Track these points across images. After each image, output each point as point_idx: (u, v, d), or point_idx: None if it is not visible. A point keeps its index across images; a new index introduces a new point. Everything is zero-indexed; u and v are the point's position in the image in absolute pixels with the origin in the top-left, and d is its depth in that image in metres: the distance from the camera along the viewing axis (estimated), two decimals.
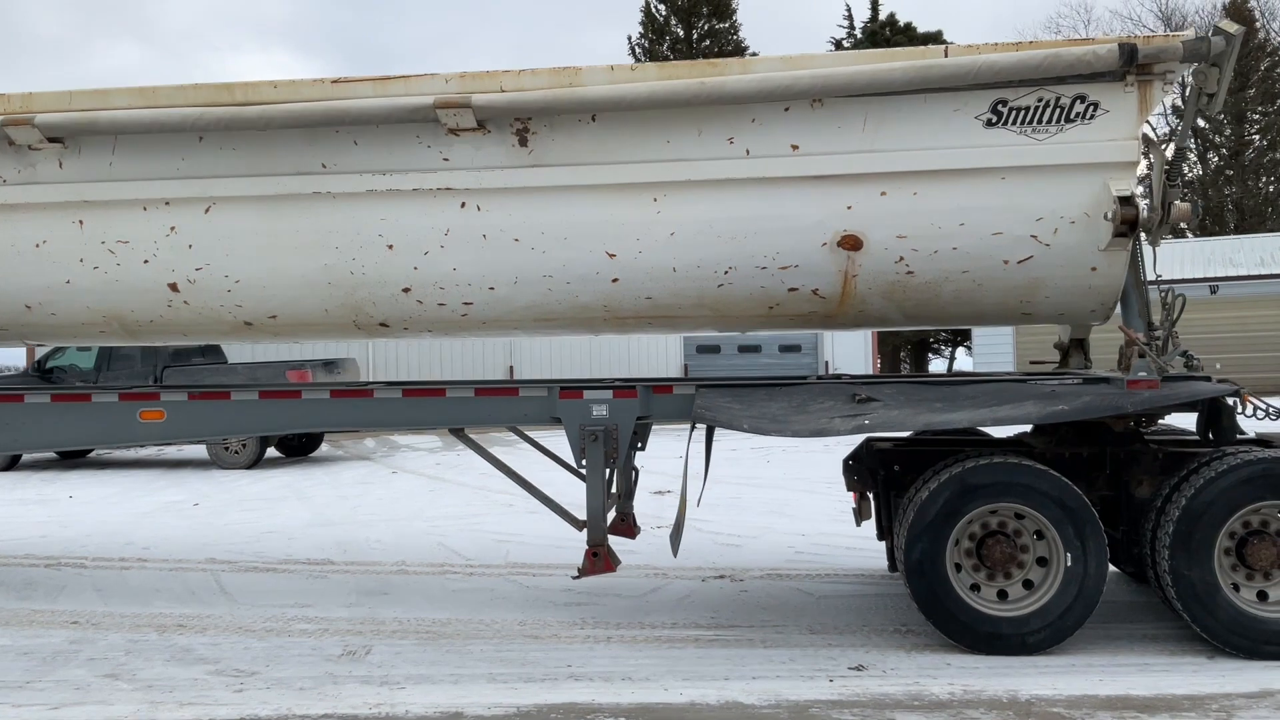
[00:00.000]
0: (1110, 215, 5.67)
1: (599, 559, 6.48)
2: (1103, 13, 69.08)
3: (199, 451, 17.40)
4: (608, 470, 6.53)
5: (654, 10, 49.62)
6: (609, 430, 6.47)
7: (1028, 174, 5.78)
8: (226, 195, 6.42)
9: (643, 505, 10.99)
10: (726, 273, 6.08)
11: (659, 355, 26.70)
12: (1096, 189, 5.77)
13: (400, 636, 6.42)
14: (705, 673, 5.60)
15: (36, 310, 6.89)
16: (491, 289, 6.34)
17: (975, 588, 5.99)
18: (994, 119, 5.80)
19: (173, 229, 6.47)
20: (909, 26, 47.15)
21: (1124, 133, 5.75)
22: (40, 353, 17.56)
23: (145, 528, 10.73)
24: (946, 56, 5.81)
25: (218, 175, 6.42)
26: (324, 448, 18.86)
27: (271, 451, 17.48)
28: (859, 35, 48.35)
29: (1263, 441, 6.63)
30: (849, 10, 50.94)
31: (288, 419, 6.95)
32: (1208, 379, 6.11)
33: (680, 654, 5.96)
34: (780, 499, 11.80)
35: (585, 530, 6.58)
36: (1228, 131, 47.92)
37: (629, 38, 36.86)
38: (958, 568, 6.00)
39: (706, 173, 5.97)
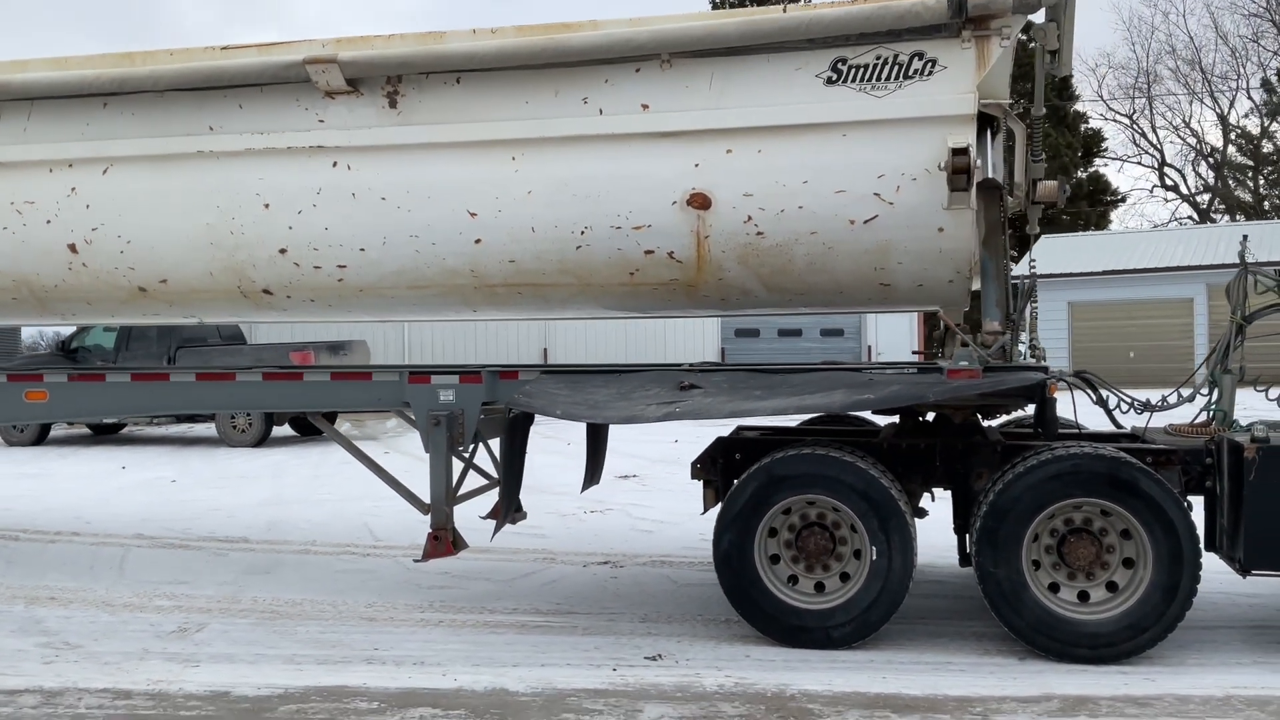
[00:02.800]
0: (943, 165, 5.52)
1: (440, 542, 6.51)
2: None
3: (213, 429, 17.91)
4: (453, 455, 6.56)
5: None
6: (454, 415, 6.51)
7: (867, 130, 5.70)
8: (122, 155, 6.63)
9: (601, 490, 11.07)
10: (583, 233, 6.08)
11: (695, 340, 26.55)
12: (936, 145, 5.62)
13: (242, 616, 6.57)
14: (500, 659, 5.62)
15: None
16: (362, 250, 6.41)
17: (794, 579, 5.90)
18: (834, 77, 5.74)
19: (73, 189, 6.70)
20: None
21: (962, 88, 5.63)
22: (66, 333, 18.27)
23: (108, 503, 11.14)
24: (785, 12, 5.80)
25: (116, 137, 6.66)
26: (343, 426, 19.27)
27: (287, 430, 17.93)
28: None
29: (1101, 436, 6.41)
30: None
31: (155, 401, 7.16)
32: (1042, 370, 5.89)
33: (493, 640, 6.00)
34: None
35: (430, 514, 6.61)
36: None
37: None
38: (775, 559, 5.92)
39: (560, 130, 6.05)
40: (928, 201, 5.69)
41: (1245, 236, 6.57)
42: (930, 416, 6.61)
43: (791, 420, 6.96)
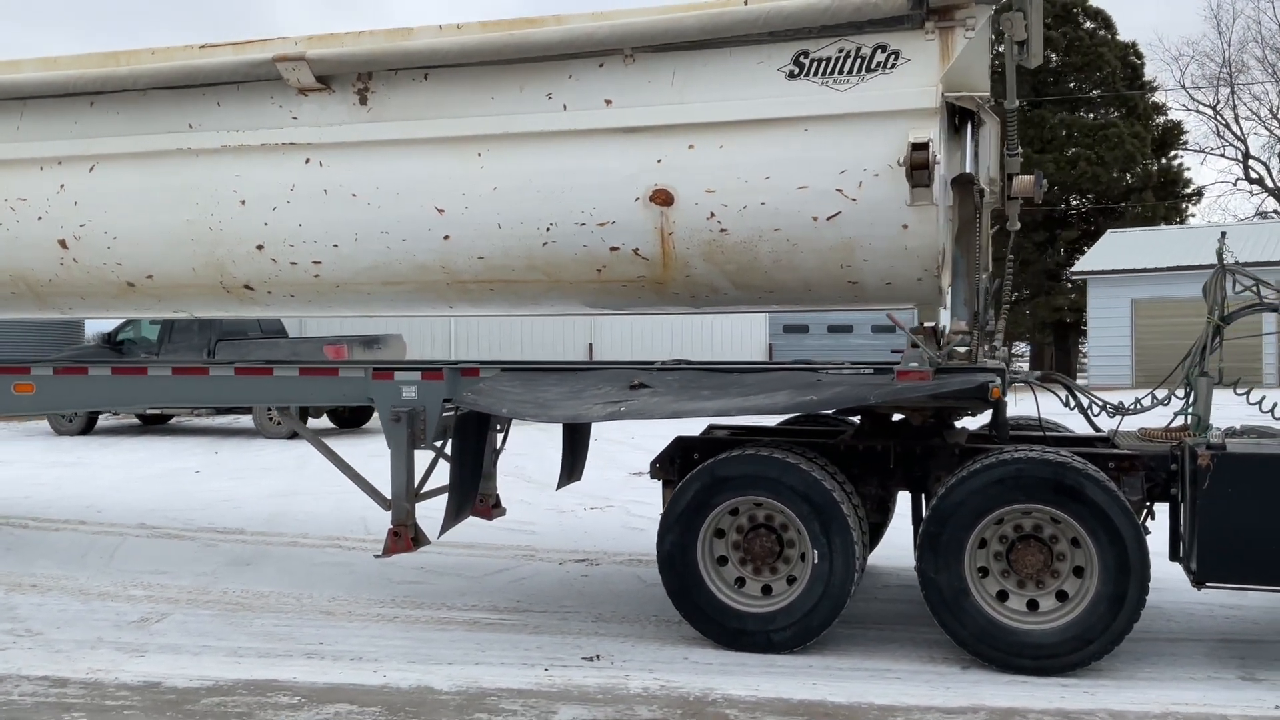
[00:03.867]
0: (902, 160, 5.39)
1: (400, 538, 6.54)
2: None
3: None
4: (414, 451, 6.57)
5: None
6: (415, 412, 6.53)
7: (829, 124, 5.59)
8: (107, 153, 6.75)
9: (608, 486, 11.08)
10: (549, 229, 6.05)
11: (742, 337, 26.37)
12: (898, 140, 5.49)
13: (206, 607, 6.66)
14: (438, 656, 5.62)
15: None
16: (335, 246, 6.45)
17: (741, 581, 5.81)
18: (796, 71, 5.65)
19: (62, 186, 6.84)
20: None
21: (925, 81, 5.50)
22: (112, 325, 18.72)
23: (125, 492, 11.40)
24: (745, 5, 5.72)
25: (102, 135, 6.79)
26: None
27: (325, 422, 18.18)
28: None
29: (1067, 439, 6.21)
30: None
31: (134, 394, 7.27)
32: (997, 371, 5.71)
33: (439, 637, 6.00)
34: None
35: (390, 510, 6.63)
36: None
37: None
38: (722, 560, 5.83)
39: (524, 125, 6.03)
40: (891, 198, 5.55)
41: (1224, 234, 6.30)
42: (898, 418, 6.46)
43: (773, 420, 6.87)
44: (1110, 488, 5.14)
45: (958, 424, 6.66)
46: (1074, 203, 41.96)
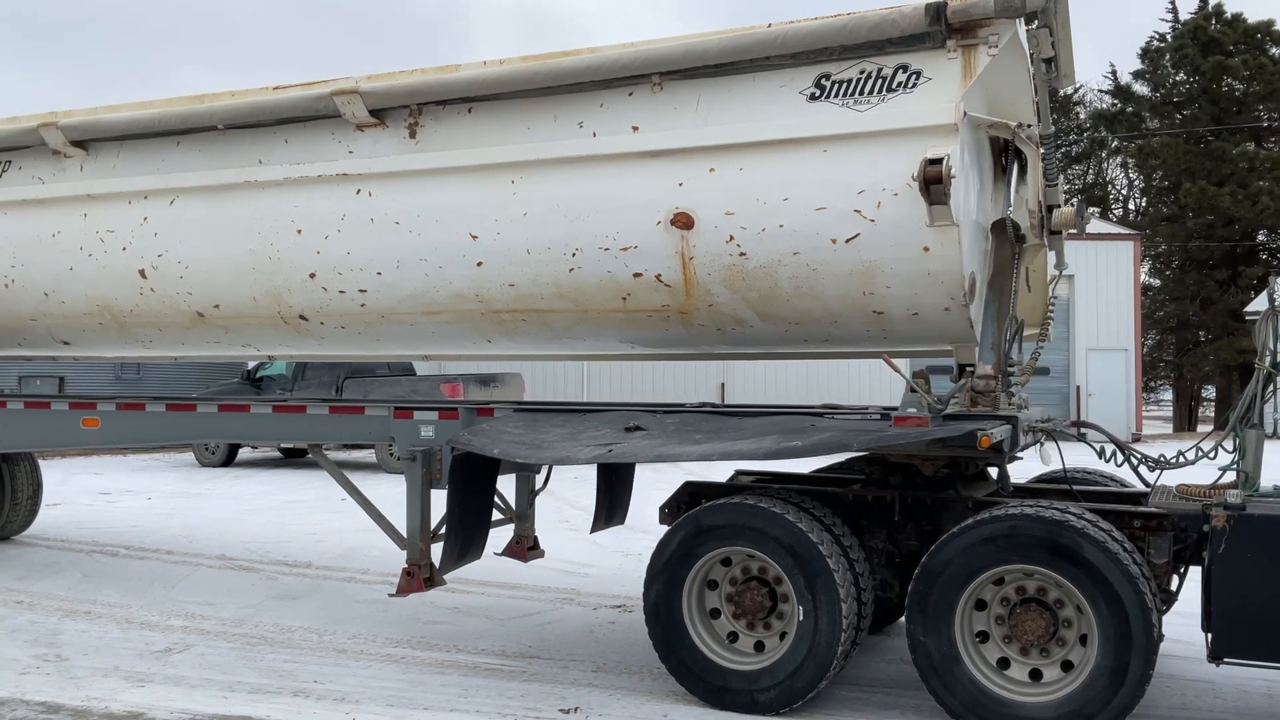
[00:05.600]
0: (915, 175, 5.15)
1: (413, 578, 6.53)
2: None
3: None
4: (428, 491, 6.58)
5: None
6: (431, 451, 6.55)
7: (847, 144, 5.45)
8: (186, 186, 7.12)
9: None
10: (574, 254, 6.06)
11: (881, 380, 25.54)
12: (916, 158, 5.28)
13: (230, 640, 6.79)
14: (418, 701, 5.56)
15: (51, 298, 7.81)
16: (379, 273, 6.62)
17: (735, 636, 5.55)
18: (817, 93, 5.55)
19: (145, 219, 7.25)
20: (1238, 17, 42.49)
21: (945, 99, 5.30)
22: (252, 364, 19.61)
23: (225, 523, 11.84)
24: (769, 28, 5.71)
25: (183, 170, 7.18)
26: None
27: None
28: (1180, 28, 44.14)
29: (1095, 494, 5.73)
30: (1173, 3, 46.58)
31: (184, 430, 7.57)
32: (1009, 419, 5.31)
33: (431, 680, 5.94)
34: None
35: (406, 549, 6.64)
36: None
37: None
38: (715, 613, 5.59)
39: (555, 151, 6.11)
40: (910, 218, 5.32)
41: (1276, 278, 5.71)
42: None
43: (808, 466, 6.60)
44: (1111, 549, 4.67)
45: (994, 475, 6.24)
46: (1260, 239, 39.39)
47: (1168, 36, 44.90)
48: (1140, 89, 45.47)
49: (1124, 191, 49.57)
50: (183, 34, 78.02)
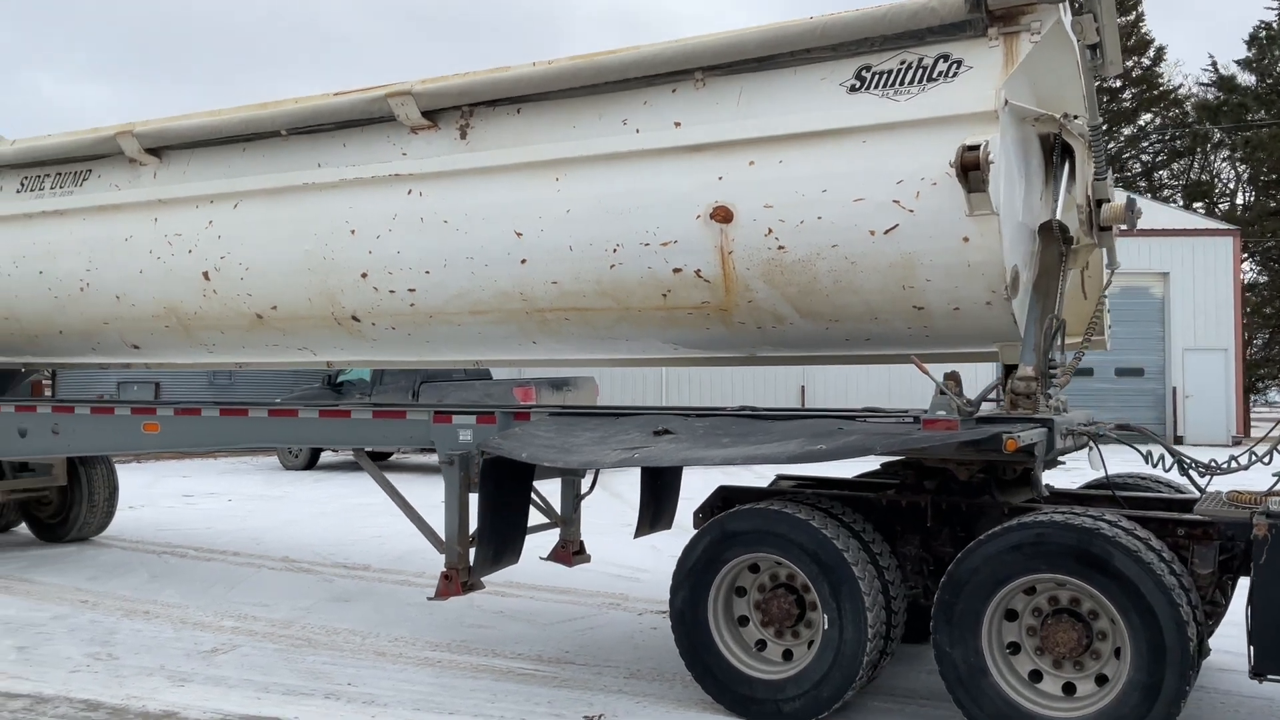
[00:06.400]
0: (953, 162, 5.03)
1: (451, 581, 6.54)
2: None
3: None
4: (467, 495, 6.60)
5: None
6: (467, 455, 6.57)
7: (886, 134, 5.39)
8: (247, 190, 7.34)
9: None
10: (615, 250, 6.07)
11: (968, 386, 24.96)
12: (955, 147, 5.16)
13: (277, 641, 6.91)
14: (444, 705, 5.58)
15: (122, 301, 8.05)
16: (427, 272, 6.70)
17: (762, 644, 5.46)
18: (857, 84, 5.52)
19: (210, 222, 7.47)
20: None
21: (985, 87, 5.21)
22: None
23: (296, 527, 12.08)
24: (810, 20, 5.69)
25: (247, 175, 7.40)
26: None
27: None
28: None
29: (1141, 500, 5.49)
30: None
31: (237, 434, 7.71)
32: (1042, 424, 5.12)
33: (461, 685, 5.96)
34: None
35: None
36: None
37: None
38: (743, 620, 5.50)
39: (597, 148, 6.16)
40: (949, 208, 5.22)
41: None
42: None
43: (852, 471, 6.47)
44: (1144, 559, 4.45)
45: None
46: None
47: (1274, 24, 43.30)
48: (1245, 79, 43.90)
49: (1230, 185, 47.86)
50: (285, 48, 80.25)
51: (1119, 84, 44.57)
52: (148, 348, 8.50)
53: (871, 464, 6.38)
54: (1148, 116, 46.75)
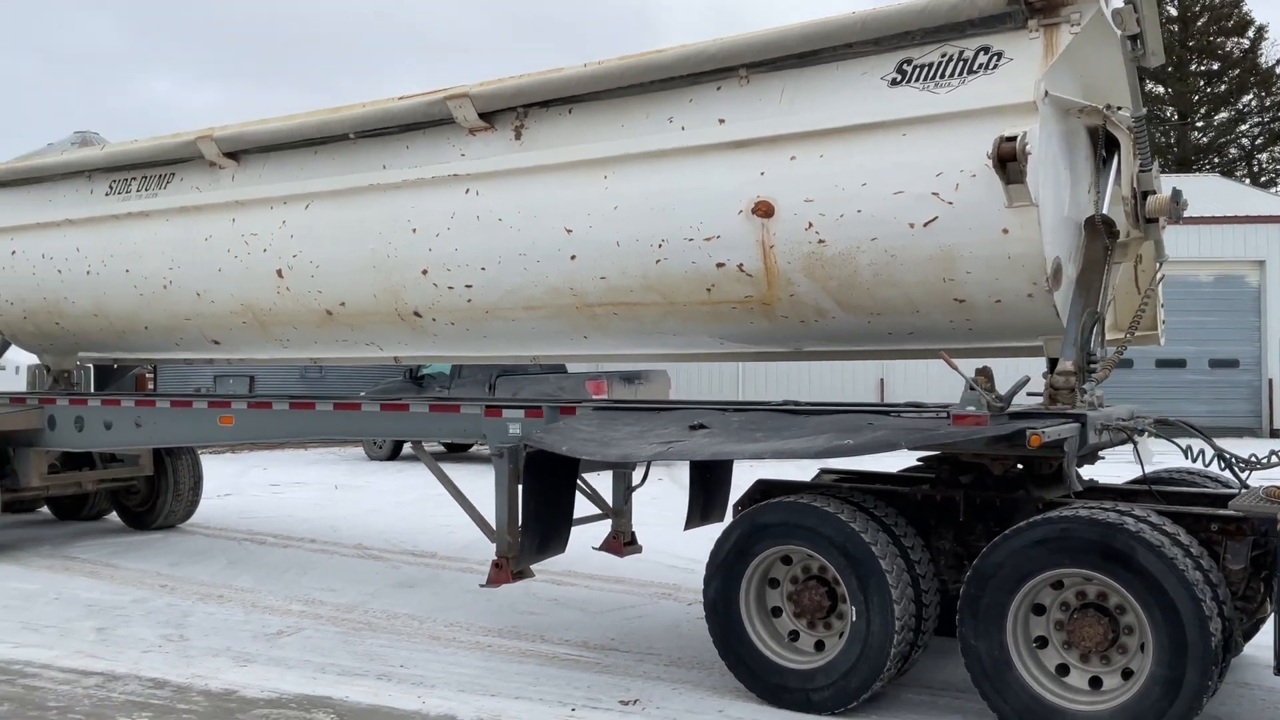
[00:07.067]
0: (990, 153, 5.09)
1: (502, 570, 6.75)
2: None
3: None
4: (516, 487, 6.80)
5: None
6: (516, 448, 6.78)
7: (925, 126, 5.46)
8: (318, 191, 7.67)
9: None
10: (660, 245, 6.23)
11: (1038, 380, 24.51)
12: (994, 138, 5.20)
13: (339, 625, 7.20)
14: (490, 687, 5.79)
15: (202, 298, 8.47)
16: (483, 269, 6.96)
17: (795, 635, 5.56)
18: (898, 78, 5.59)
19: (284, 222, 7.83)
20: None
21: (1025, 79, 5.26)
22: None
23: (373, 515, 12.48)
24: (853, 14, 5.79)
25: (318, 176, 7.74)
26: None
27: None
28: None
29: (1176, 495, 5.46)
30: None
31: (305, 426, 8.06)
32: (1075, 419, 5.12)
33: (507, 669, 6.16)
34: None
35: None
36: None
37: None
38: (776, 611, 5.60)
39: (643, 146, 6.34)
40: (988, 200, 5.27)
41: None
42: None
43: (897, 465, 6.52)
44: (1167, 554, 4.45)
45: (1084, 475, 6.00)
46: None
47: None
48: None
49: None
50: (389, 49, 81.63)
51: (1217, 66, 43.24)
52: (227, 343, 8.89)
53: (913, 459, 6.42)
54: (1247, 98, 45.24)
